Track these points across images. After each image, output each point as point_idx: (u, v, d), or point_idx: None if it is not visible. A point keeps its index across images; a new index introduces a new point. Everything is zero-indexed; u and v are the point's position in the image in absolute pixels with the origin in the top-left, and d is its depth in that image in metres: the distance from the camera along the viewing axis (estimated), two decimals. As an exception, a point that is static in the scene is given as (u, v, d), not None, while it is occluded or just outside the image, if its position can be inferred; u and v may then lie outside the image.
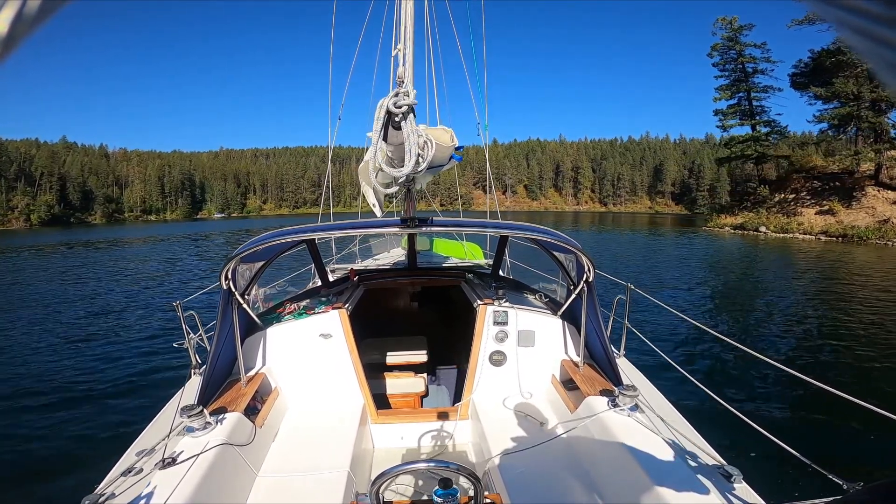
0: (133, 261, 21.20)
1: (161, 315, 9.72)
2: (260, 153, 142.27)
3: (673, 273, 15.39)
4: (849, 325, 8.46)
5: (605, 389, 2.44)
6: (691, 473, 1.75)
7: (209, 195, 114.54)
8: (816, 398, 4.80)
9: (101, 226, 78.56)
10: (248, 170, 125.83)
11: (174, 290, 12.76)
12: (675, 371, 2.87)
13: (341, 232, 3.21)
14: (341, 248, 6.66)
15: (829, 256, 19.89)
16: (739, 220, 35.49)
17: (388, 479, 1.38)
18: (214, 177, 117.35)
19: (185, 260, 21.07)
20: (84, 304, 11.45)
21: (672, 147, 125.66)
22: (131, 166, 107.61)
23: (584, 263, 2.58)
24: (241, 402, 2.38)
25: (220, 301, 2.52)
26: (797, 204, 33.29)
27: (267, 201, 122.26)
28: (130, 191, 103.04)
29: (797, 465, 1.77)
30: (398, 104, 2.16)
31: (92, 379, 6.15)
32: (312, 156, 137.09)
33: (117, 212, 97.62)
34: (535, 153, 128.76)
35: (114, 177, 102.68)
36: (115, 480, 1.78)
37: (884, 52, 0.23)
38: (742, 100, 40.57)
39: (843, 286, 12.74)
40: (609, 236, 33.79)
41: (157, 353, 7.08)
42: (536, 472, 2.16)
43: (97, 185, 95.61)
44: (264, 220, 77.77)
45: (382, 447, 2.93)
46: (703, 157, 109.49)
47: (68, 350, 7.52)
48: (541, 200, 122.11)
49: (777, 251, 22.51)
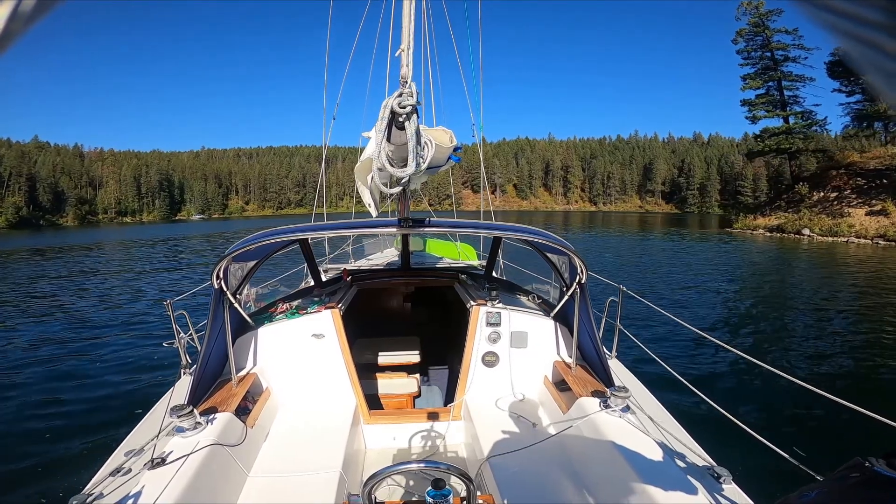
0: (106, 263, 20.67)
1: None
2: (243, 153, 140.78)
3: (718, 285, 13.12)
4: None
5: (597, 391, 2.48)
6: (681, 474, 1.78)
7: (188, 196, 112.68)
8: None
9: (72, 228, 76.64)
10: (231, 169, 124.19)
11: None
12: (666, 373, 2.93)
13: (335, 232, 3.22)
14: (334, 248, 6.68)
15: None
16: (775, 220, 32.02)
17: (380, 479, 1.39)
18: (194, 177, 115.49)
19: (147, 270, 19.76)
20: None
21: (661, 146, 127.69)
22: (106, 166, 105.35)
23: (576, 265, 2.63)
24: (232, 403, 2.39)
25: (212, 300, 2.52)
26: (842, 203, 29.73)
27: (250, 202, 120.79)
28: (105, 191, 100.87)
29: (786, 466, 1.82)
30: (402, 104, 2.19)
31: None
32: (297, 155, 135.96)
33: (90, 213, 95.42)
34: (525, 152, 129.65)
35: (88, 177, 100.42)
36: (103, 480, 1.77)
37: (881, 60, 0.23)
38: (771, 89, 37.35)
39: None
40: (625, 241, 29.31)
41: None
42: (528, 473, 2.19)
43: (69, 186, 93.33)
44: (247, 222, 76.57)
45: (375, 448, 2.96)
46: (692, 156, 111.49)
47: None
48: (530, 200, 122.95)
49: (829, 257, 19.74)
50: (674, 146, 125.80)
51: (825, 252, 21.50)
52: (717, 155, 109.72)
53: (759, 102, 37.49)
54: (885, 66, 0.23)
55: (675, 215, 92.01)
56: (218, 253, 15.18)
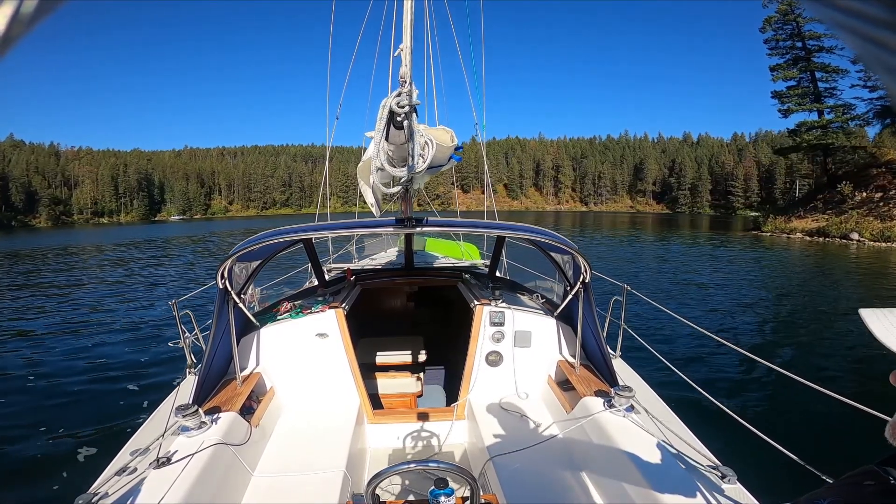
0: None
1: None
2: (227, 151, 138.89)
3: (771, 302, 11.17)
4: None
5: (601, 390, 2.50)
6: (686, 474, 1.80)
7: (169, 196, 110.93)
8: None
9: (45, 229, 74.93)
10: (214, 169, 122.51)
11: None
12: (670, 372, 2.96)
13: (338, 232, 3.25)
14: (338, 248, 6.71)
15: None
16: (813, 223, 29.22)
17: (383, 479, 1.41)
18: (176, 176, 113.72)
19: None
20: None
21: (651, 146, 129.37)
22: (81, 165, 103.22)
23: (580, 264, 2.67)
24: (237, 402, 2.42)
25: (216, 300, 2.54)
26: (889, 205, 27.42)
27: (233, 202, 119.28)
28: (80, 191, 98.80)
29: (792, 466, 1.83)
30: (401, 104, 2.22)
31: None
32: (283, 154, 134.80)
33: (65, 214, 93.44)
34: (515, 151, 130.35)
35: (63, 177, 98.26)
36: (108, 480, 1.78)
37: (884, 57, 0.23)
38: (803, 81, 34.64)
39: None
40: (644, 246, 26.03)
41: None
42: (532, 473, 2.21)
43: (43, 186, 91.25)
44: (230, 223, 75.37)
45: (378, 447, 2.99)
46: (683, 156, 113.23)
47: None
48: (521, 200, 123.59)
49: (886, 265, 17.45)
50: (664, 146, 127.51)
51: (879, 259, 18.91)
52: (708, 155, 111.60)
53: (793, 94, 34.50)
54: (893, 64, 0.23)
55: (667, 215, 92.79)
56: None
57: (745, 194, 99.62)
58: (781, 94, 35.17)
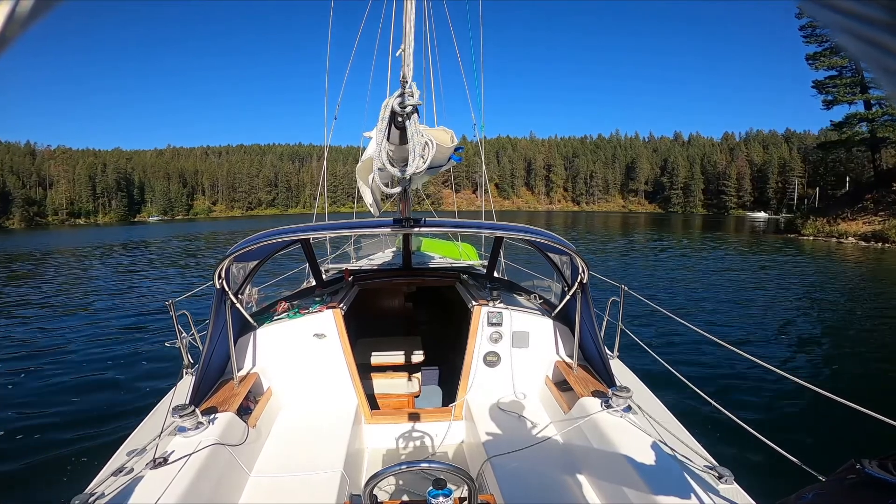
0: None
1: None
2: (211, 151, 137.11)
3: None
4: None
5: (599, 390, 2.54)
6: (683, 474, 1.83)
7: (149, 196, 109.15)
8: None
9: (18, 231, 73.34)
10: (197, 168, 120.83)
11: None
12: (668, 373, 3.00)
13: (336, 232, 3.28)
14: (336, 248, 6.75)
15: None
16: (866, 226, 26.20)
17: (381, 479, 1.43)
18: (157, 176, 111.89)
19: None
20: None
21: (642, 145, 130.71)
22: (57, 164, 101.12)
23: (578, 265, 2.71)
24: (234, 402, 2.44)
25: (214, 300, 2.56)
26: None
27: (217, 202, 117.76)
28: (55, 191, 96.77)
29: (789, 466, 1.86)
30: (403, 104, 2.27)
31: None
32: (269, 153, 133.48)
33: (39, 215, 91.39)
34: (507, 150, 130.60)
35: (38, 177, 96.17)
36: (105, 480, 1.79)
37: (884, 59, 0.23)
38: (845, 70, 31.96)
39: None
40: (668, 255, 21.38)
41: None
42: (530, 473, 2.24)
43: (17, 186, 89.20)
44: (213, 224, 74.05)
45: (376, 447, 3.03)
46: (675, 155, 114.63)
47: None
48: (513, 199, 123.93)
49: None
50: (655, 145, 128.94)
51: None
52: (699, 154, 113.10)
53: (841, 84, 31.82)
54: (890, 65, 0.23)
55: (660, 215, 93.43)
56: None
57: (738, 193, 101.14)
58: (823, 84, 32.39)
